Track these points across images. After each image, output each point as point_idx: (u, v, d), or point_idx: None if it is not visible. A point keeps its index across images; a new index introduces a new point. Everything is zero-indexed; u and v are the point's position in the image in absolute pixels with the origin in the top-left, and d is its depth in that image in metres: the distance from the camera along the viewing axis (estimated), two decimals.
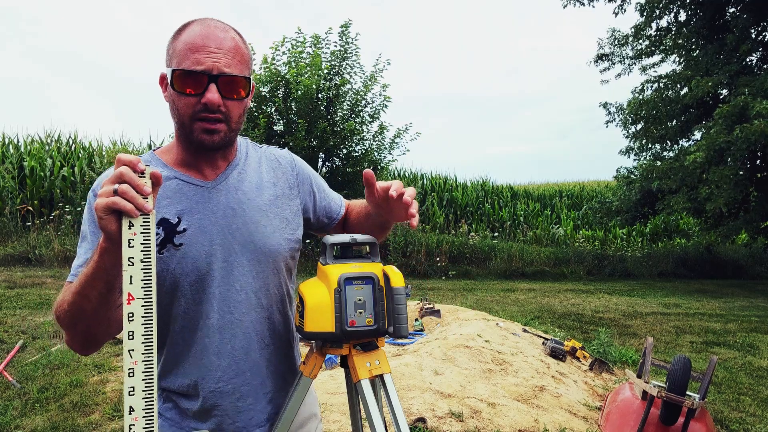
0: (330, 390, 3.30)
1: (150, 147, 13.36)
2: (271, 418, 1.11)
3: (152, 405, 0.79)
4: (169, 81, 0.98)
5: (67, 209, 9.76)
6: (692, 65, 11.45)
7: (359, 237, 1.04)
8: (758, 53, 11.21)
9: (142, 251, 0.80)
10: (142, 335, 0.79)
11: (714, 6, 11.41)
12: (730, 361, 5.15)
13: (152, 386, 0.79)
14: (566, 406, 3.40)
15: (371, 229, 1.21)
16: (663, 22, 12.50)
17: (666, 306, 8.47)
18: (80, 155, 11.86)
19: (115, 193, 0.77)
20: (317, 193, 1.24)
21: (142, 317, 0.79)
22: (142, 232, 0.80)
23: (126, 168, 0.78)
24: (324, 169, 10.90)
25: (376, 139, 10.82)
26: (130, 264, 0.79)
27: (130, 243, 0.79)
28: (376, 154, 10.84)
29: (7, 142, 12.13)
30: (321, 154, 10.46)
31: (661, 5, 11.94)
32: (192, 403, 1.07)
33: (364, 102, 10.53)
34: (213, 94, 0.95)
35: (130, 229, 0.79)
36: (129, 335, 0.79)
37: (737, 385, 4.38)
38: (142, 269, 0.80)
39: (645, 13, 12.30)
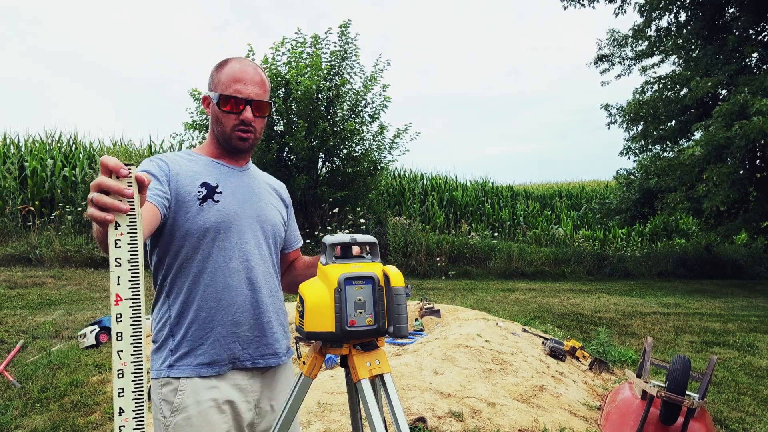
0: (330, 390, 3.30)
1: (150, 147, 13.40)
2: (277, 354, 1.39)
3: (142, 406, 0.78)
4: (215, 102, 1.35)
5: (68, 209, 9.76)
6: (692, 66, 11.45)
7: (359, 237, 1.05)
8: (758, 53, 11.21)
9: (129, 251, 0.78)
10: (131, 336, 0.78)
11: (714, 6, 11.41)
12: (730, 361, 5.15)
13: (141, 387, 0.78)
14: (566, 405, 3.41)
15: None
16: (663, 23, 12.51)
17: (665, 306, 8.47)
18: (81, 156, 11.87)
19: (92, 201, 0.78)
20: (290, 219, 1.59)
21: (131, 318, 0.78)
22: (128, 233, 0.78)
23: (102, 177, 0.79)
24: (324, 169, 10.89)
25: (376, 139, 10.82)
26: (117, 265, 0.78)
27: (116, 243, 0.78)
28: (376, 154, 10.85)
29: (8, 142, 12.13)
30: (321, 154, 10.45)
31: (661, 6, 11.94)
32: (206, 337, 1.29)
33: (364, 102, 10.52)
34: (249, 113, 1.34)
35: (116, 229, 0.78)
36: (117, 336, 0.78)
37: (737, 385, 4.39)
38: (129, 269, 0.78)
39: (645, 14, 12.30)
